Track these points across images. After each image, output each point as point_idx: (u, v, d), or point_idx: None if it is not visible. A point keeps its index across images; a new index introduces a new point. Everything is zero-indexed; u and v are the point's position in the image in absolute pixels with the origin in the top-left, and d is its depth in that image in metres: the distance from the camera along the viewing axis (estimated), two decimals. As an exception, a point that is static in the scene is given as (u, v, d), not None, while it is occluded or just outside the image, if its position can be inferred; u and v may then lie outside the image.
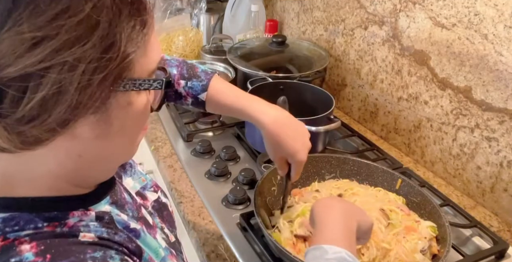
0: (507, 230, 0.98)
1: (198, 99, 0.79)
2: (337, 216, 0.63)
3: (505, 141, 0.96)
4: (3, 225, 0.40)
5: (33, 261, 0.38)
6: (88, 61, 0.35)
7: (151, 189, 0.66)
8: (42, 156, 0.41)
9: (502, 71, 0.93)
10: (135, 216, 0.54)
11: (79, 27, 0.34)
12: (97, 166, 0.46)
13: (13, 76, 0.33)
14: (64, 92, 0.35)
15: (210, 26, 1.76)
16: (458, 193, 1.10)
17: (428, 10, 1.06)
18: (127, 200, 0.55)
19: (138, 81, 0.41)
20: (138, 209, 0.57)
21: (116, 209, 0.51)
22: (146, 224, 0.55)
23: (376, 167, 0.97)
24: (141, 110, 0.44)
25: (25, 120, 0.35)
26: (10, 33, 0.32)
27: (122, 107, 0.41)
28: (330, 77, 1.50)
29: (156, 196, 0.66)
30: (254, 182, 0.97)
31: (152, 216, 0.61)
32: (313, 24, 1.54)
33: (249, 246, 0.89)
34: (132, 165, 0.65)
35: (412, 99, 1.18)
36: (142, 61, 0.41)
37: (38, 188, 0.43)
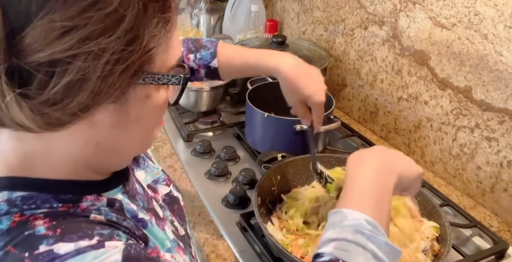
0: (507, 230, 0.98)
1: (211, 67, 0.82)
2: (368, 174, 0.59)
3: (505, 141, 0.96)
4: (21, 202, 0.43)
5: (44, 234, 0.40)
6: (112, 52, 0.37)
7: (164, 183, 0.67)
8: (63, 140, 0.44)
9: (502, 71, 0.93)
10: (145, 207, 0.56)
11: (106, 20, 0.36)
12: (112, 154, 0.48)
13: (42, 61, 0.35)
14: (87, 80, 0.37)
15: (210, 26, 1.76)
16: (458, 193, 1.10)
17: (428, 10, 1.06)
18: (138, 191, 0.57)
19: (157, 76, 0.43)
20: (148, 200, 0.58)
21: (128, 198, 0.53)
22: (155, 216, 0.57)
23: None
24: (158, 104, 0.46)
25: (50, 103, 0.37)
26: (43, 21, 0.34)
27: (140, 99, 0.44)
28: (330, 77, 1.50)
29: (168, 190, 0.67)
30: (254, 182, 0.97)
31: (163, 209, 0.62)
32: (313, 24, 1.54)
33: (249, 246, 0.89)
34: (145, 158, 0.67)
35: (412, 99, 1.18)
36: (163, 57, 0.43)
37: (58, 171, 0.46)
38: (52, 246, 0.39)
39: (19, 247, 0.39)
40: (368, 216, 0.53)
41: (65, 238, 0.40)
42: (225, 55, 0.83)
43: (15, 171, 0.45)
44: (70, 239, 0.40)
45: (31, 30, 0.34)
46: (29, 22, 0.34)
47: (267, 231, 0.80)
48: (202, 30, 1.74)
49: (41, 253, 0.39)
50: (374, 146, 0.80)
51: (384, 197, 0.57)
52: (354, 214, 0.53)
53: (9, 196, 0.43)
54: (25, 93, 0.36)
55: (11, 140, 0.44)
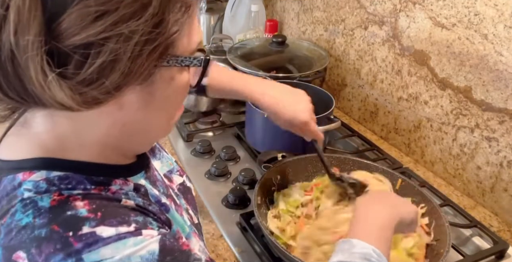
0: (507, 230, 0.98)
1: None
2: (377, 213, 0.65)
3: (505, 141, 0.96)
4: (58, 182, 0.46)
5: (86, 216, 0.43)
6: (141, 34, 0.39)
7: (177, 173, 0.70)
8: (93, 122, 0.46)
9: (502, 71, 0.93)
10: (165, 193, 0.59)
11: (135, 4, 0.39)
12: (137, 136, 0.51)
13: (78, 43, 0.38)
14: (119, 60, 0.39)
15: (210, 26, 1.76)
16: (458, 193, 1.10)
17: (428, 10, 1.06)
18: (158, 178, 0.60)
19: (180, 58, 0.45)
20: (167, 187, 0.61)
21: (150, 184, 0.56)
22: (174, 202, 0.60)
23: (376, 167, 0.97)
24: (182, 86, 0.49)
25: (86, 82, 0.39)
26: (79, 6, 0.37)
27: (165, 81, 0.46)
28: (330, 77, 1.50)
29: (182, 180, 0.70)
30: (254, 182, 0.97)
31: (178, 197, 0.65)
32: (313, 24, 1.54)
33: (249, 246, 0.89)
34: (160, 149, 0.70)
35: (412, 99, 1.18)
36: (185, 40, 0.45)
37: (89, 154, 0.49)
38: (95, 229, 0.42)
39: (63, 226, 0.42)
40: (375, 247, 0.59)
41: (106, 221, 0.43)
42: (216, 76, 0.87)
43: (49, 152, 0.47)
44: (111, 223, 0.43)
45: (67, 15, 0.37)
46: (66, 8, 0.37)
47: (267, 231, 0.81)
48: (202, 30, 1.74)
49: (85, 234, 0.42)
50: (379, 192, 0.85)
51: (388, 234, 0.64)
52: (362, 244, 0.59)
53: (47, 175, 0.46)
54: (64, 73, 0.38)
55: (46, 122, 0.47)
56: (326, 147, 1.19)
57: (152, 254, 0.43)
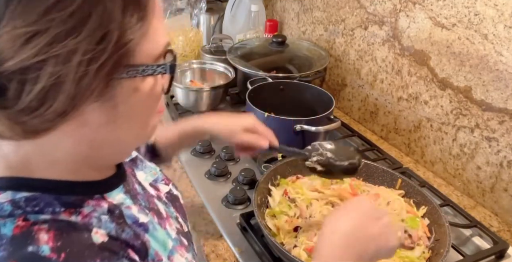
0: (507, 230, 0.98)
1: (148, 145, 0.83)
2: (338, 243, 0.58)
3: (505, 141, 0.96)
4: (25, 204, 0.43)
5: (48, 256, 0.39)
6: (82, 53, 0.36)
7: (162, 182, 0.68)
8: (57, 141, 0.43)
9: (502, 71, 0.93)
10: (147, 207, 0.56)
11: (71, 20, 0.35)
12: (110, 148, 0.48)
13: (13, 69, 0.35)
14: (62, 84, 0.36)
15: (210, 26, 1.76)
16: (458, 193, 1.10)
17: (428, 10, 1.06)
18: (138, 191, 0.57)
19: (141, 67, 0.42)
20: (149, 199, 0.58)
21: (129, 198, 0.53)
22: (157, 215, 0.57)
23: (376, 167, 0.97)
24: (149, 95, 0.45)
25: (27, 111, 0.36)
26: (7, 28, 0.34)
27: (128, 93, 0.43)
28: (330, 77, 1.50)
29: (168, 188, 0.68)
30: (254, 182, 0.97)
31: (167, 205, 0.63)
32: (313, 24, 1.54)
33: (249, 246, 0.89)
34: (142, 159, 0.68)
35: (412, 99, 1.18)
36: (146, 47, 0.42)
37: (58, 171, 0.46)
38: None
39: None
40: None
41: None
42: (159, 134, 0.84)
43: (16, 171, 0.44)
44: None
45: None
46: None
47: (266, 231, 0.81)
48: (202, 30, 1.74)
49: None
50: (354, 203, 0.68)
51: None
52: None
53: (13, 196, 0.43)
54: (2, 103, 0.36)
55: (9, 143, 0.44)
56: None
57: None
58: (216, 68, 1.44)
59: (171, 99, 1.40)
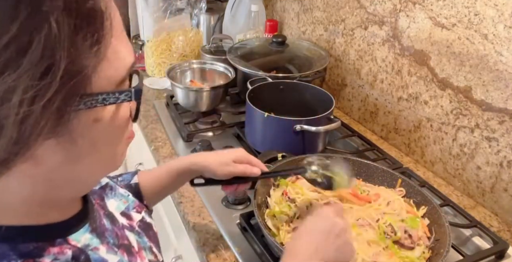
0: (507, 230, 0.98)
1: (132, 185, 0.77)
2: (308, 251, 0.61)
3: (505, 141, 0.96)
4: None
5: None
6: (23, 90, 0.30)
7: (134, 210, 0.65)
8: (10, 184, 0.38)
9: (502, 71, 0.93)
10: (115, 244, 0.52)
11: (6, 53, 0.30)
12: (73, 186, 0.43)
13: None
14: (1, 128, 0.31)
15: (210, 26, 1.76)
16: (458, 193, 1.10)
17: (428, 10, 1.06)
18: (106, 227, 0.53)
19: (100, 97, 0.36)
20: (119, 233, 0.54)
21: (96, 237, 0.48)
22: (127, 251, 0.53)
23: (376, 167, 0.97)
24: (112, 124, 0.40)
25: None
26: None
27: (87, 125, 0.37)
28: (330, 77, 1.50)
29: (141, 216, 0.65)
30: (254, 182, 0.97)
31: (140, 235, 0.60)
32: (313, 24, 1.54)
33: (249, 246, 0.89)
34: (113, 187, 0.64)
35: (412, 99, 1.18)
36: (105, 72, 0.37)
37: (14, 216, 0.41)
38: None
39: None
40: None
41: None
42: (145, 172, 0.80)
43: None
44: None
45: None
46: None
47: (266, 231, 0.81)
48: (202, 30, 1.74)
49: None
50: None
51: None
52: None
53: None
54: None
55: None
56: (326, 147, 1.19)
57: None
58: (216, 68, 1.44)
59: (171, 99, 1.40)
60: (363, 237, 0.79)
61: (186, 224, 0.98)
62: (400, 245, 0.81)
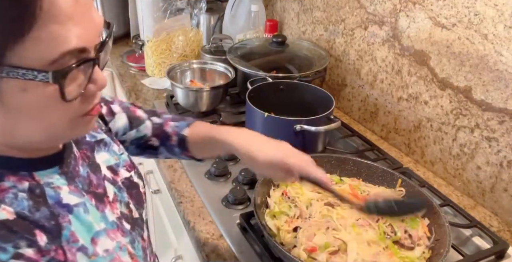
0: (507, 230, 0.98)
1: (181, 135, 0.82)
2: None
3: (505, 141, 0.96)
4: None
5: None
6: None
7: (124, 168, 0.69)
8: None
9: (502, 71, 0.93)
10: (85, 189, 0.58)
11: None
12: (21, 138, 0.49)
13: None
14: None
15: (210, 26, 1.76)
16: (458, 193, 1.10)
17: (428, 10, 1.06)
18: (80, 174, 0.58)
19: (20, 71, 0.41)
20: (94, 182, 0.60)
21: (64, 179, 0.55)
22: (97, 198, 0.59)
23: (376, 167, 0.97)
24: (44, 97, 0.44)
25: None
26: None
27: (14, 92, 0.43)
28: (330, 77, 1.50)
29: (129, 175, 0.69)
30: (254, 182, 0.97)
31: (120, 190, 0.65)
32: (313, 24, 1.54)
33: (249, 246, 0.89)
34: (107, 143, 0.69)
35: (412, 99, 1.18)
36: (31, 49, 0.41)
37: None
38: None
39: None
40: None
41: None
42: (197, 127, 0.83)
43: None
44: None
45: None
46: None
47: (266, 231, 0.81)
48: (202, 30, 1.74)
49: None
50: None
51: None
52: None
53: None
54: None
55: None
56: (326, 147, 1.19)
57: None
58: (216, 68, 1.44)
59: (171, 99, 1.40)
60: (363, 237, 0.79)
61: (186, 224, 0.98)
62: (400, 245, 0.81)
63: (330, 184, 0.74)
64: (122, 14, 1.89)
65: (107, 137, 0.71)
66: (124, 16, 1.88)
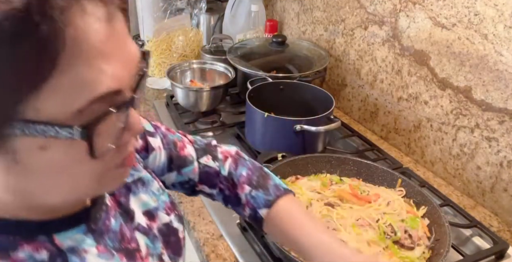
0: (507, 230, 0.98)
1: (257, 214, 0.67)
2: None
3: (505, 141, 0.96)
4: None
5: None
6: None
7: (163, 211, 0.59)
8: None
9: (502, 71, 0.93)
10: (115, 247, 0.49)
11: None
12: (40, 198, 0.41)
13: None
14: None
15: (210, 26, 1.76)
16: (458, 193, 1.10)
17: (428, 10, 1.06)
18: (110, 228, 0.49)
19: (39, 126, 0.33)
20: (124, 237, 0.51)
21: (92, 239, 0.46)
22: (128, 255, 0.50)
23: (376, 167, 0.97)
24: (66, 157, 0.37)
25: None
26: None
27: (33, 151, 0.35)
28: (330, 77, 1.50)
29: (168, 219, 0.59)
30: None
31: (155, 240, 0.56)
32: (313, 24, 1.54)
33: (249, 246, 0.89)
34: (145, 183, 0.59)
35: (412, 99, 1.18)
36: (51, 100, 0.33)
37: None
38: None
39: None
40: None
41: None
42: (280, 214, 0.65)
43: None
44: None
45: None
46: None
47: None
48: (202, 30, 1.74)
49: None
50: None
51: None
52: None
53: None
54: None
55: None
56: (326, 147, 1.19)
57: None
58: (216, 68, 1.44)
59: (171, 99, 1.40)
60: (363, 237, 0.79)
61: (186, 224, 0.98)
62: (400, 245, 0.81)
63: None
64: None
65: (146, 173, 0.60)
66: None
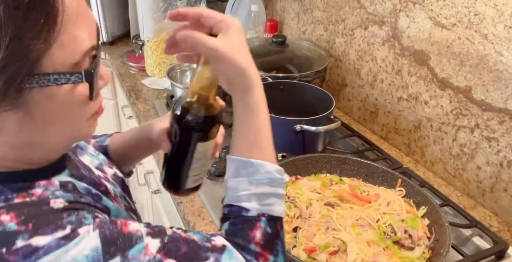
0: (507, 230, 0.98)
1: (103, 146, 0.79)
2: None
3: (505, 141, 0.96)
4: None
5: (16, 229, 0.41)
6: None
7: (106, 166, 0.70)
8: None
9: (502, 71, 0.93)
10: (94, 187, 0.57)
11: None
12: (41, 150, 0.48)
13: None
14: None
15: (210, 26, 1.76)
16: (458, 193, 1.10)
17: (428, 10, 1.06)
18: (84, 174, 0.58)
19: (52, 77, 0.41)
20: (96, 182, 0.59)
21: (76, 179, 0.54)
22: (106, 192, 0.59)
23: (376, 167, 0.97)
24: (68, 101, 0.44)
25: None
26: None
27: (42, 101, 0.42)
28: (330, 77, 1.50)
29: (113, 171, 0.70)
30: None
31: (115, 186, 0.65)
32: (313, 24, 1.54)
33: (249, 246, 0.89)
34: (83, 147, 0.68)
35: (412, 99, 1.18)
36: (58, 55, 0.41)
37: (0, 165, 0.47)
38: (29, 241, 0.41)
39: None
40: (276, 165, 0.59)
41: (40, 231, 0.41)
42: (118, 135, 0.81)
43: None
44: (45, 232, 0.41)
45: None
46: None
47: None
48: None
49: (20, 247, 0.40)
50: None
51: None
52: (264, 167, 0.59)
53: None
54: None
55: None
56: (326, 147, 1.19)
57: (96, 250, 0.42)
58: (216, 68, 1.44)
59: (171, 99, 1.40)
60: (363, 237, 0.79)
61: (186, 224, 0.98)
62: (400, 245, 0.81)
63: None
64: (122, 14, 1.89)
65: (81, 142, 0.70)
66: (124, 16, 1.88)
